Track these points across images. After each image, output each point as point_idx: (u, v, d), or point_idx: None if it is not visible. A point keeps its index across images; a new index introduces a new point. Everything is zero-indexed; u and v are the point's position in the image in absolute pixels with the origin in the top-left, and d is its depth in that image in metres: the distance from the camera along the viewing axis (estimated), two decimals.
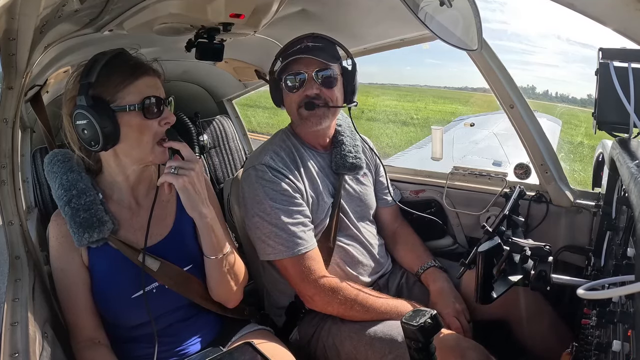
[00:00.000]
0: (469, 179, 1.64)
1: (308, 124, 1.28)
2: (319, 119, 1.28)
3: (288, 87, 1.27)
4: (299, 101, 1.27)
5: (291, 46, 1.28)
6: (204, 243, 1.03)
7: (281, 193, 1.21)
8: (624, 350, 0.60)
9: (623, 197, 0.87)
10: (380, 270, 1.41)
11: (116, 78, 0.93)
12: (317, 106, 1.25)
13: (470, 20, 0.88)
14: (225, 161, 2.28)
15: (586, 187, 1.47)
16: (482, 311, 1.28)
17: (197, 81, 2.26)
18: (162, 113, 0.98)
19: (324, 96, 1.26)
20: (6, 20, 0.81)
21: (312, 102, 1.25)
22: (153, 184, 1.07)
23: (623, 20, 0.56)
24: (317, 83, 1.25)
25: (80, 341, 0.97)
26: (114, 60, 0.95)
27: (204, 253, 1.05)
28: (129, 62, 0.96)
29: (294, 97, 1.27)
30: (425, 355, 0.69)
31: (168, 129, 1.00)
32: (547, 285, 0.89)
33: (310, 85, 1.25)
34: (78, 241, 0.96)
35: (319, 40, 1.28)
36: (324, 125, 1.30)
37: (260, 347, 0.74)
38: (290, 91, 1.27)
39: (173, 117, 1.00)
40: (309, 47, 1.26)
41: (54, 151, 1.05)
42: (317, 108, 1.26)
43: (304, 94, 1.25)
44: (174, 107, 1.03)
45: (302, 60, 1.24)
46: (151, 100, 0.95)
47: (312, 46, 1.26)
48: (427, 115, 16.41)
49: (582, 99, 19.49)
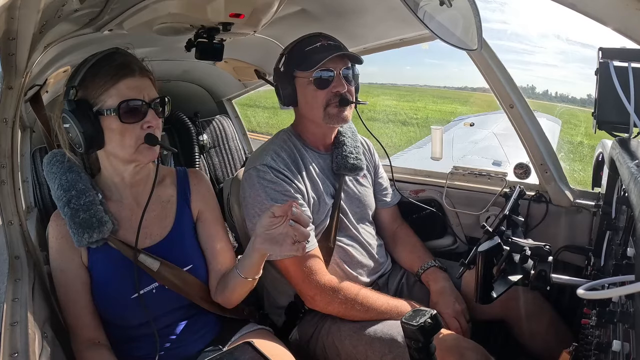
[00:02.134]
0: (469, 179, 1.64)
1: (336, 119, 1.29)
2: (347, 116, 1.30)
3: (317, 84, 1.26)
4: (327, 98, 1.26)
5: (307, 44, 1.27)
6: (246, 266, 1.01)
7: (282, 193, 1.21)
8: (624, 350, 0.60)
9: (623, 196, 0.87)
10: (380, 270, 1.42)
11: (99, 80, 0.93)
12: (350, 102, 1.28)
13: (470, 20, 0.88)
14: (225, 161, 2.28)
15: (586, 187, 1.47)
16: (482, 311, 1.28)
17: (197, 81, 2.26)
18: (145, 116, 0.95)
19: (350, 94, 1.28)
20: (6, 20, 0.81)
21: (346, 99, 1.27)
22: (151, 183, 1.07)
23: (623, 20, 0.56)
24: (344, 80, 1.26)
25: (81, 342, 0.97)
26: (102, 61, 0.95)
27: (239, 271, 1.02)
28: (113, 64, 0.94)
29: (321, 95, 1.27)
30: (425, 355, 0.69)
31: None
32: (547, 285, 0.89)
33: (339, 82, 1.26)
34: (78, 241, 0.96)
35: (331, 39, 1.29)
36: (349, 121, 1.34)
37: (260, 346, 0.74)
38: (319, 88, 1.26)
39: (156, 121, 0.97)
40: (331, 45, 1.26)
41: (53, 151, 1.05)
42: (350, 104, 1.28)
43: (334, 91, 1.26)
44: (170, 107, 1.01)
45: (331, 58, 1.23)
46: (129, 104, 0.93)
47: (332, 45, 1.27)
48: (426, 115, 16.41)
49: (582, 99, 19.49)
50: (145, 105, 0.95)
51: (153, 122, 0.96)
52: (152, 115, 0.96)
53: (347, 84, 1.27)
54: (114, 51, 0.98)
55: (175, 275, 1.04)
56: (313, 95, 1.27)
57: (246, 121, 2.57)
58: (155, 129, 0.97)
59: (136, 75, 0.95)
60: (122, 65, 0.94)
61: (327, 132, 1.36)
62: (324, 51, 1.24)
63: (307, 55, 1.25)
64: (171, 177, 1.12)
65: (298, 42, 1.30)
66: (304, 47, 1.27)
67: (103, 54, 0.96)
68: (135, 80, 0.95)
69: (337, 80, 1.25)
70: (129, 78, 0.94)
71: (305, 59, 1.25)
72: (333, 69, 1.25)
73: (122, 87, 0.93)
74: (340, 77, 1.26)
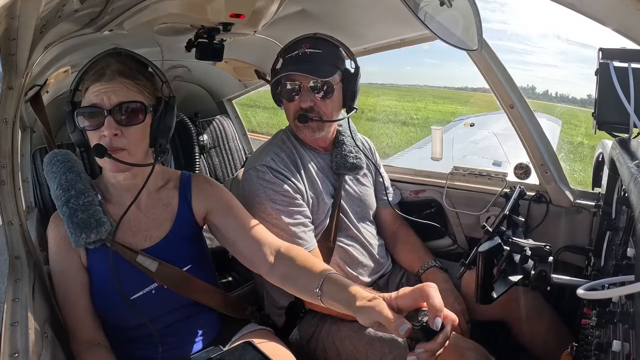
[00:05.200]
0: (469, 179, 1.64)
1: (302, 134, 1.29)
2: (312, 131, 1.26)
3: (284, 96, 1.26)
4: (294, 111, 1.25)
5: (291, 49, 1.26)
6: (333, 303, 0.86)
7: (282, 194, 1.21)
8: (624, 350, 0.60)
9: (623, 197, 0.87)
10: (380, 270, 1.42)
11: (81, 85, 0.95)
12: (310, 119, 1.23)
13: (470, 20, 0.88)
14: (225, 161, 2.28)
15: (586, 187, 1.47)
16: (482, 311, 1.28)
17: (197, 81, 2.26)
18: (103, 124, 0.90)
19: (318, 109, 1.23)
20: (6, 20, 0.81)
21: (305, 116, 1.22)
22: (154, 188, 1.07)
23: (623, 20, 0.56)
24: (312, 94, 1.22)
25: (81, 343, 0.97)
26: (91, 65, 0.95)
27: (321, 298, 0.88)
28: (94, 68, 0.93)
29: (290, 106, 1.26)
30: None
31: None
32: (547, 285, 0.89)
33: (305, 97, 1.22)
34: (75, 242, 0.96)
35: (320, 44, 1.25)
36: (317, 136, 1.29)
37: (261, 346, 0.74)
38: (286, 99, 1.26)
39: (111, 129, 0.90)
40: (307, 54, 1.22)
41: (53, 151, 1.05)
42: (310, 121, 1.23)
43: (299, 105, 1.23)
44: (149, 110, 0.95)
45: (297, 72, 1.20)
46: (85, 110, 0.92)
47: (310, 53, 1.22)
48: (426, 115, 16.41)
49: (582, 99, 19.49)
50: (101, 112, 0.91)
51: (107, 131, 0.90)
52: (110, 122, 0.90)
53: (317, 97, 1.22)
54: (109, 53, 0.97)
55: (175, 275, 1.04)
56: (285, 105, 1.28)
57: (246, 121, 2.57)
58: (119, 138, 0.91)
59: (103, 80, 0.91)
60: (97, 70, 0.93)
61: (319, 137, 1.33)
62: (295, 62, 1.21)
63: (285, 62, 1.25)
64: (174, 181, 1.11)
65: (289, 44, 1.28)
66: (287, 53, 1.26)
67: (97, 57, 0.96)
68: (100, 86, 0.91)
69: (303, 93, 1.21)
70: (96, 83, 0.92)
71: (283, 66, 1.25)
72: (299, 82, 1.21)
73: (89, 92, 0.93)
74: (307, 90, 1.21)
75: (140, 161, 0.98)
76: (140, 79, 0.96)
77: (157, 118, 0.98)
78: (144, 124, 0.95)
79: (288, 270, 0.99)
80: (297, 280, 0.96)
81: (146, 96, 0.96)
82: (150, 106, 0.96)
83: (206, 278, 1.11)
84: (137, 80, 0.95)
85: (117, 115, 0.91)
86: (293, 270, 0.97)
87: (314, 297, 0.88)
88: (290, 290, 0.99)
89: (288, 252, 1.01)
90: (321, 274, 0.89)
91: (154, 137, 0.98)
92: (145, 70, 1.00)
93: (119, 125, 0.91)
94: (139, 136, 0.95)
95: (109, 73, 0.92)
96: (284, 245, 1.04)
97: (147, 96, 0.96)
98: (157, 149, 0.99)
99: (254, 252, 1.05)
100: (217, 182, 1.16)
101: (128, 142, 0.93)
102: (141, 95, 0.95)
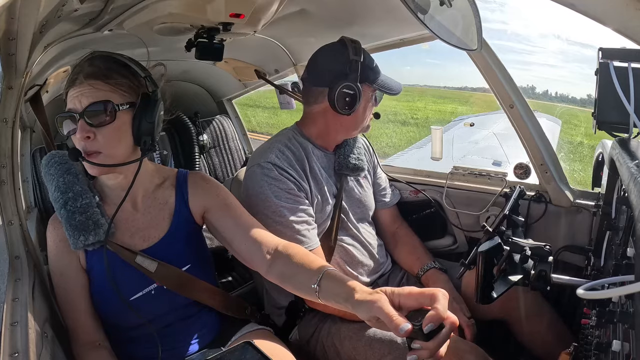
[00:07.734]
0: (469, 179, 1.64)
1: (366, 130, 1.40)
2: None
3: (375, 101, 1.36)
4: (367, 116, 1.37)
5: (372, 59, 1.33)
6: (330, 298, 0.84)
7: (286, 191, 1.20)
8: (623, 350, 0.60)
9: (623, 197, 0.87)
10: (380, 270, 1.42)
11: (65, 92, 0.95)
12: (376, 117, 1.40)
13: (470, 20, 0.88)
14: (225, 161, 2.28)
15: (586, 187, 1.47)
16: (482, 311, 1.28)
17: (197, 81, 2.26)
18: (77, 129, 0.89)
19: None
20: (6, 20, 0.80)
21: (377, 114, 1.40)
22: (151, 187, 1.07)
23: (623, 20, 0.56)
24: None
25: (81, 344, 0.97)
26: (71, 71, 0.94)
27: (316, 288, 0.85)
28: (71, 74, 0.93)
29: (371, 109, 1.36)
30: None
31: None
32: (547, 285, 0.89)
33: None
34: (74, 244, 0.96)
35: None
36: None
37: (261, 346, 0.73)
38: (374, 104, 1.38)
39: (82, 133, 0.89)
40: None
41: (51, 153, 1.04)
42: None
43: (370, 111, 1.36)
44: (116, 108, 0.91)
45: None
46: (63, 116, 0.92)
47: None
48: (426, 115, 16.43)
49: (581, 99, 19.49)
50: (74, 117, 0.90)
51: (78, 135, 0.89)
52: (81, 126, 0.89)
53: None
54: (87, 58, 0.94)
55: (174, 276, 1.04)
56: (370, 109, 1.33)
57: (246, 121, 2.57)
58: (92, 140, 0.90)
59: (75, 85, 0.90)
60: (72, 76, 0.92)
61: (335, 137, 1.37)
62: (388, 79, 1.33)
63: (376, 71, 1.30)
64: (171, 179, 1.11)
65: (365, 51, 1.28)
66: (372, 62, 1.30)
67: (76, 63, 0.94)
68: (73, 90, 0.90)
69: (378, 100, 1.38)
70: (71, 89, 0.91)
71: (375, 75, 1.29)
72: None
73: (68, 99, 0.92)
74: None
75: (123, 161, 0.95)
76: (114, 78, 0.92)
77: (137, 114, 0.93)
78: (118, 123, 0.91)
79: (286, 268, 0.97)
80: (295, 278, 0.94)
81: (121, 94, 0.93)
82: (126, 104, 0.93)
83: (206, 278, 1.11)
84: (109, 79, 0.92)
85: (89, 118, 0.89)
86: (291, 268, 0.95)
87: (312, 293, 0.86)
88: (289, 288, 0.97)
89: (286, 249, 1.00)
90: (319, 270, 0.87)
91: (137, 134, 0.94)
92: (122, 68, 0.95)
93: (91, 127, 0.89)
94: (113, 136, 0.92)
95: (80, 77, 0.91)
96: (282, 243, 1.02)
97: (123, 94, 0.93)
98: (142, 147, 0.95)
99: (252, 250, 1.04)
100: (214, 180, 1.15)
101: (102, 144, 0.91)
102: (115, 95, 0.91)
